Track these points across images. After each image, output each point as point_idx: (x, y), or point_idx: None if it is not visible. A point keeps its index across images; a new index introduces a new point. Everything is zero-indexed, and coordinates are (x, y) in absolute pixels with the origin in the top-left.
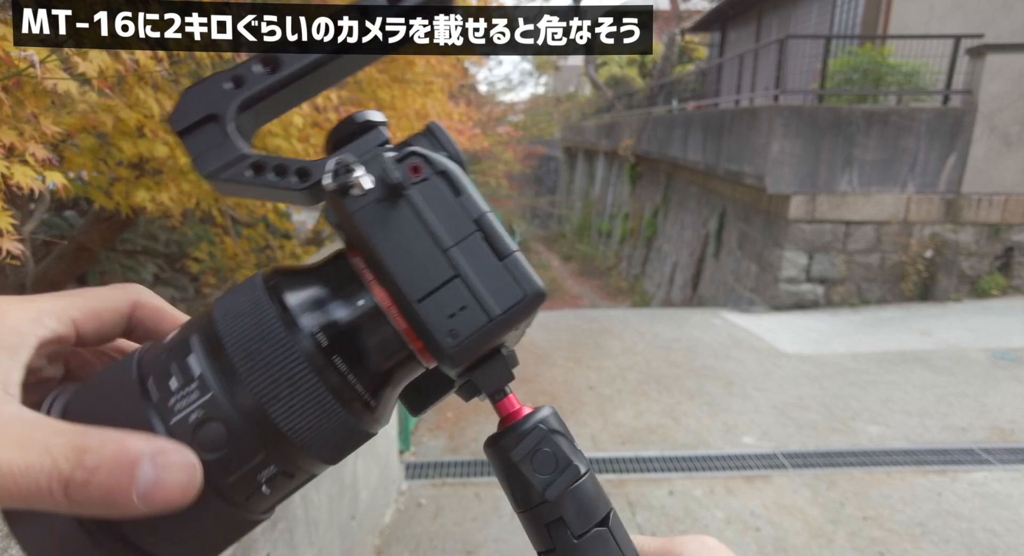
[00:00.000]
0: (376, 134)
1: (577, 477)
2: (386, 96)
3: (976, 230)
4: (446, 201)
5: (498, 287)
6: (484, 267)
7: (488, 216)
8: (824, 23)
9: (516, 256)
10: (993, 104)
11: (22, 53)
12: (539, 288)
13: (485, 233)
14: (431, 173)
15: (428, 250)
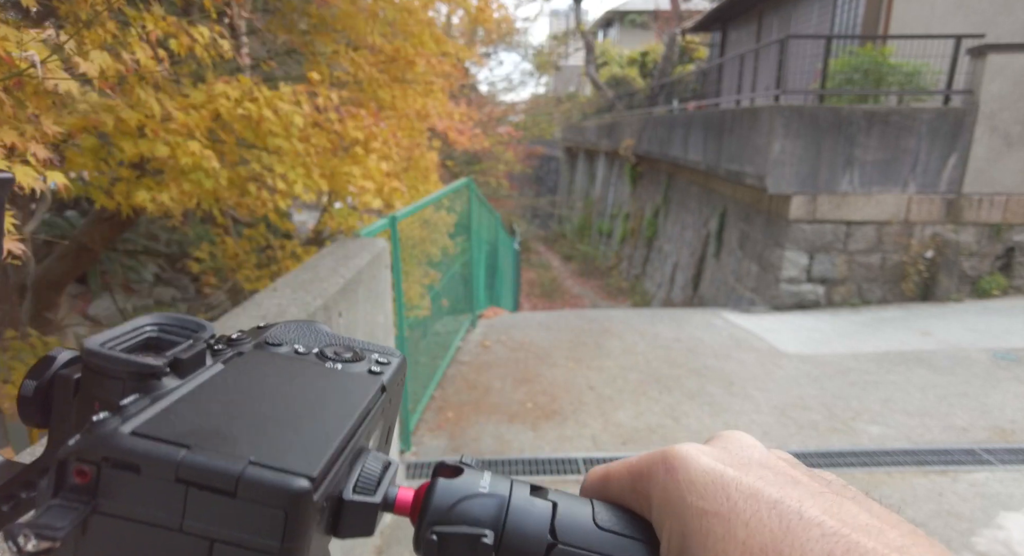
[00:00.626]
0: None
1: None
2: (387, 96)
3: (977, 230)
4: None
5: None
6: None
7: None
8: (825, 23)
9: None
10: (994, 104)
11: (23, 53)
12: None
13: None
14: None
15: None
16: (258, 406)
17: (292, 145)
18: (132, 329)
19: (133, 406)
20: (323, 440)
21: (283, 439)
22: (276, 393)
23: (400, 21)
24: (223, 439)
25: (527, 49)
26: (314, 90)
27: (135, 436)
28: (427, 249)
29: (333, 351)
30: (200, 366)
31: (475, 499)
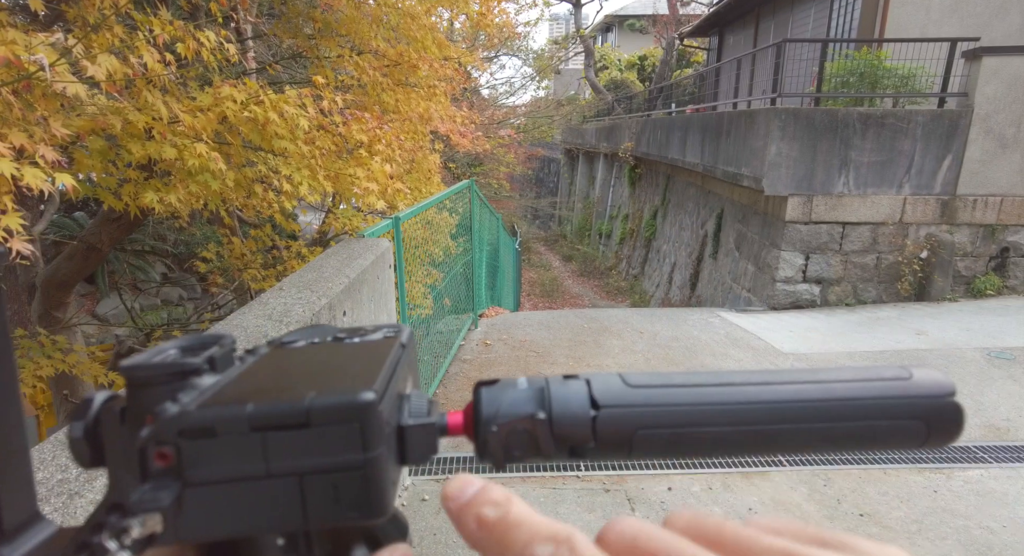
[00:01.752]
0: (109, 424)
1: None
2: (390, 100)
3: (972, 231)
4: (215, 448)
5: (334, 443)
6: (305, 445)
7: (251, 412)
8: (821, 27)
9: (312, 408)
10: (989, 106)
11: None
12: (355, 401)
13: (270, 426)
14: (178, 442)
15: (259, 491)
16: (299, 369)
17: (297, 147)
18: (157, 352)
19: (184, 396)
20: (370, 370)
21: (334, 381)
22: (310, 364)
23: (403, 26)
24: (281, 392)
25: (528, 53)
26: (319, 93)
27: (201, 408)
28: (429, 249)
29: (346, 334)
30: (231, 364)
31: (518, 394)
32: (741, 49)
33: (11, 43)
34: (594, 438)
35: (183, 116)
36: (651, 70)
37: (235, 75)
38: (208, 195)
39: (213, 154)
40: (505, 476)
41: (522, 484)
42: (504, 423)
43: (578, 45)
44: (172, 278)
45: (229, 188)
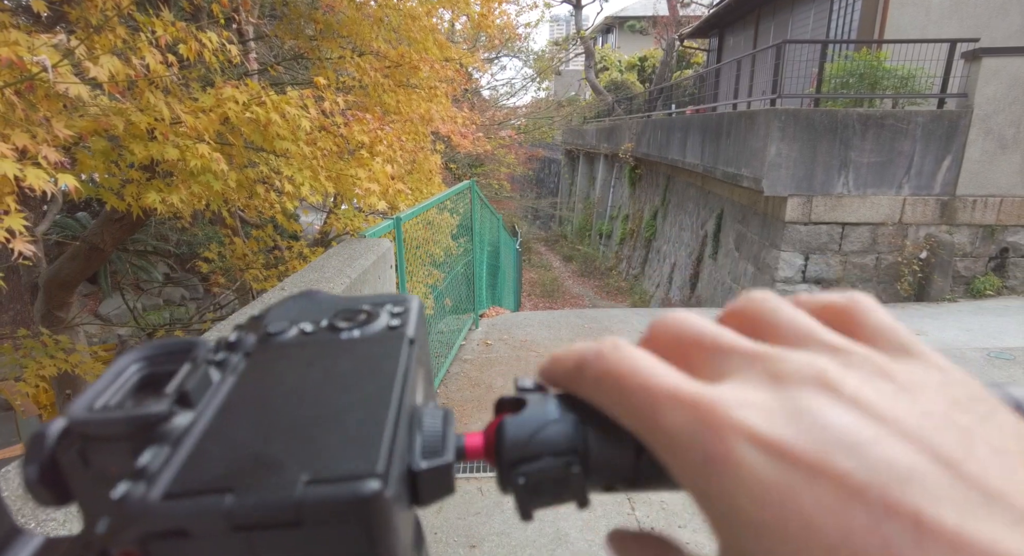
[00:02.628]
0: (70, 464)
1: None
2: (391, 100)
3: (971, 231)
4: (188, 550)
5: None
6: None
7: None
8: (821, 28)
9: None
10: (988, 107)
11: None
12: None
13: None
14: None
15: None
16: (288, 411)
17: (299, 148)
18: (116, 375)
19: (153, 462)
20: (374, 424)
21: (330, 440)
22: (302, 389)
23: (404, 27)
24: (266, 466)
25: (528, 54)
26: (321, 94)
27: (169, 499)
28: (430, 250)
29: (343, 318)
30: (208, 388)
31: (549, 428)
32: (741, 50)
33: (14, 44)
34: (635, 477)
35: (185, 117)
36: (651, 71)
37: (237, 76)
38: (210, 195)
39: (215, 155)
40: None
41: None
42: (532, 471)
43: (578, 46)
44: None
45: (231, 188)
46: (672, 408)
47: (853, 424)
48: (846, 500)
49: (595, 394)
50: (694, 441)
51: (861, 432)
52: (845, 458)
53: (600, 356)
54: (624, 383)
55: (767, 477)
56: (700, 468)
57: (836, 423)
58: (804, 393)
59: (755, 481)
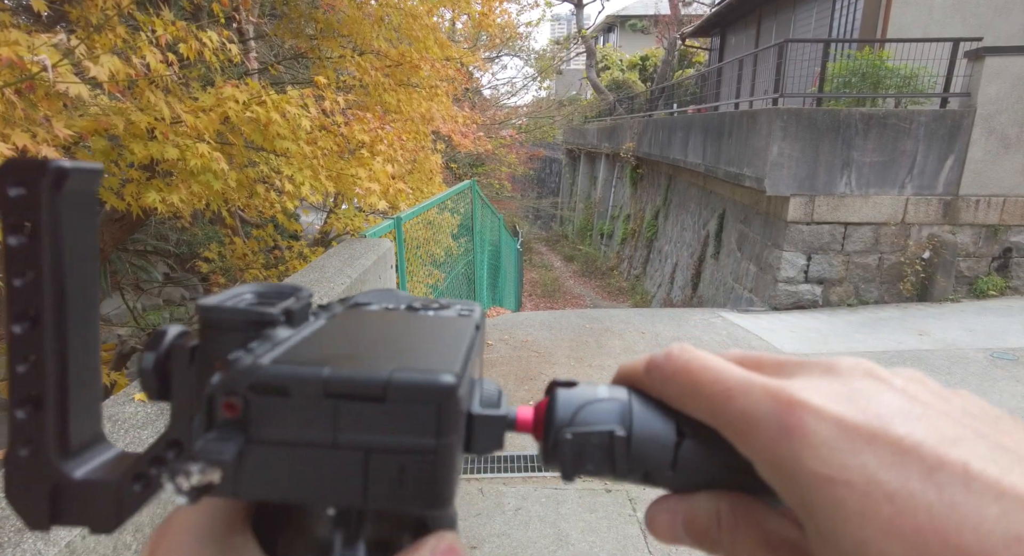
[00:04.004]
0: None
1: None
2: (392, 100)
3: (974, 231)
4: (285, 408)
5: (407, 423)
6: (378, 421)
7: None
8: (823, 27)
9: (392, 382)
10: (991, 106)
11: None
12: (438, 383)
13: (345, 394)
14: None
15: (322, 460)
16: (377, 336)
17: (299, 147)
18: (234, 295)
19: (258, 348)
20: (450, 351)
21: (414, 356)
22: (387, 332)
23: (405, 26)
24: (360, 358)
25: (529, 54)
26: (321, 94)
27: (277, 363)
28: (431, 250)
29: (421, 304)
30: (307, 320)
31: (597, 404)
32: (743, 49)
33: (14, 44)
34: (674, 466)
35: (185, 116)
36: (652, 70)
37: (237, 75)
38: (210, 195)
39: (215, 154)
40: (506, 475)
41: (523, 484)
42: (580, 432)
43: (580, 45)
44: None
45: (231, 188)
46: (745, 393)
47: (903, 403)
48: (902, 456)
49: (665, 388)
50: (767, 417)
51: (911, 409)
52: (899, 425)
53: (671, 357)
54: (697, 377)
55: (832, 442)
56: (774, 438)
57: (889, 401)
58: (858, 382)
59: (823, 446)
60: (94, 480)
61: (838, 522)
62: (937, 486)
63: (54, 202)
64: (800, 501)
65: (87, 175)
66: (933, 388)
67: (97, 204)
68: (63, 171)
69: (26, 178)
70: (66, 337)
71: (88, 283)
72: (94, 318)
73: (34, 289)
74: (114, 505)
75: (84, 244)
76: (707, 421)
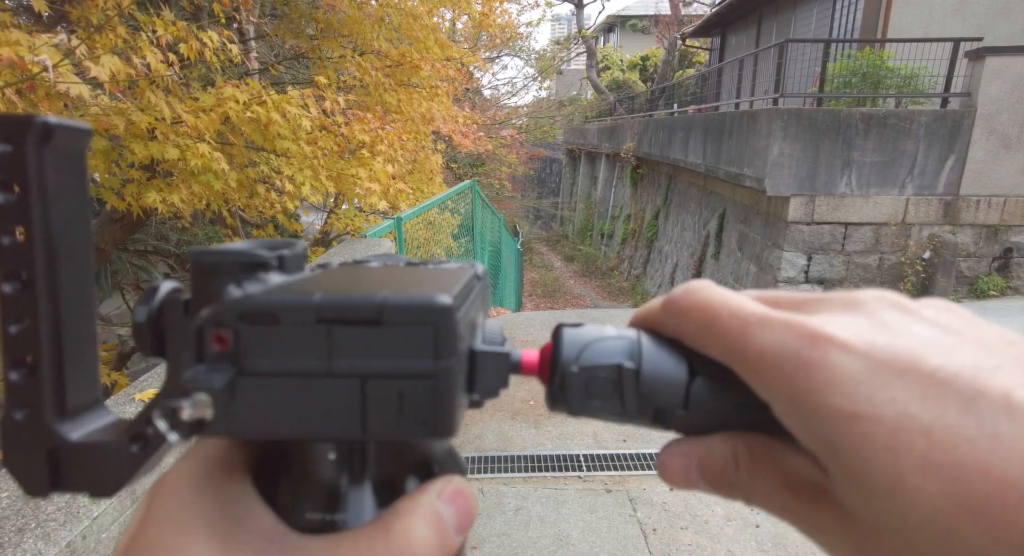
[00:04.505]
0: (172, 313)
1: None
2: (392, 100)
3: (975, 231)
4: (276, 337)
5: (404, 346)
6: (373, 345)
7: (321, 302)
8: (823, 27)
9: (386, 304)
10: (992, 106)
11: (35, 57)
12: (433, 303)
13: (338, 319)
14: (238, 326)
15: (317, 389)
16: (373, 280)
17: (300, 147)
18: (228, 248)
19: (250, 286)
20: (446, 286)
21: (409, 288)
22: (385, 277)
23: (405, 26)
24: (351, 289)
25: (530, 54)
26: (321, 94)
27: (267, 293)
28: (431, 250)
29: (419, 261)
30: (301, 269)
31: (605, 341)
32: (743, 49)
33: (15, 44)
34: (686, 405)
35: (186, 116)
36: (653, 70)
37: (238, 76)
38: (210, 195)
39: (216, 154)
40: (506, 476)
41: (523, 484)
42: (587, 366)
43: (580, 45)
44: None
45: (231, 188)
46: (763, 328)
47: (935, 334)
48: (937, 388)
49: (680, 325)
50: (786, 352)
51: (944, 340)
52: (933, 357)
53: (689, 291)
54: (714, 312)
55: (858, 376)
56: (792, 375)
57: (920, 333)
58: (886, 313)
59: (847, 380)
60: (92, 443)
61: (866, 460)
62: (977, 417)
63: (41, 159)
64: (822, 440)
65: (75, 134)
66: (966, 316)
67: (86, 166)
68: (49, 126)
69: (11, 134)
70: (59, 298)
71: (81, 246)
72: (88, 282)
73: (24, 249)
74: (113, 467)
75: (75, 205)
76: (722, 359)
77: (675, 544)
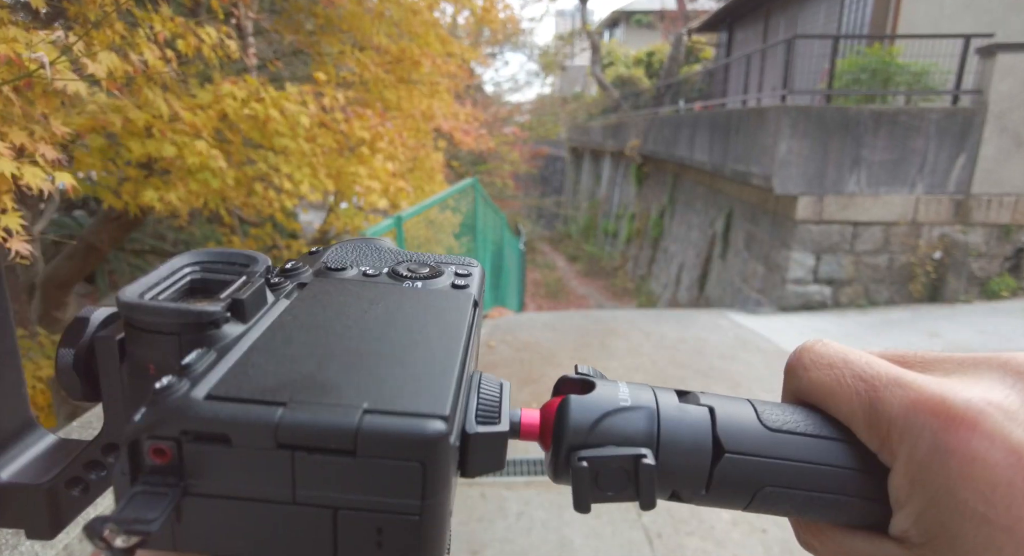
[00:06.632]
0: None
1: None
2: (392, 97)
3: (986, 231)
4: (227, 458)
5: (386, 481)
6: (348, 477)
7: (285, 424)
8: (832, 23)
9: (364, 433)
10: (1004, 104)
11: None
12: (424, 435)
13: (303, 446)
14: (175, 444)
15: (278, 518)
16: (347, 341)
17: (298, 145)
18: (170, 273)
19: (198, 363)
20: (439, 369)
21: (393, 375)
22: (362, 324)
23: (406, 21)
24: (322, 387)
25: (533, 49)
26: (320, 90)
27: (214, 400)
28: (432, 249)
29: (406, 268)
30: (262, 305)
31: (619, 414)
32: (751, 45)
33: (12, 41)
34: (707, 486)
35: (183, 113)
36: (658, 66)
37: (236, 72)
38: (208, 194)
39: (213, 152)
40: (506, 479)
41: (526, 489)
42: (599, 457)
43: (584, 41)
44: None
45: (229, 186)
46: (893, 394)
47: None
48: None
49: (802, 381)
50: (920, 430)
51: None
52: None
53: (811, 347)
54: (841, 369)
55: (998, 477)
56: (925, 458)
57: None
58: None
59: (987, 478)
60: (24, 484)
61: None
62: None
63: None
64: (942, 529)
65: None
66: None
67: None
68: None
69: None
70: None
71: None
72: (4, 298)
73: None
74: (50, 511)
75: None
76: (847, 422)
77: (680, 549)
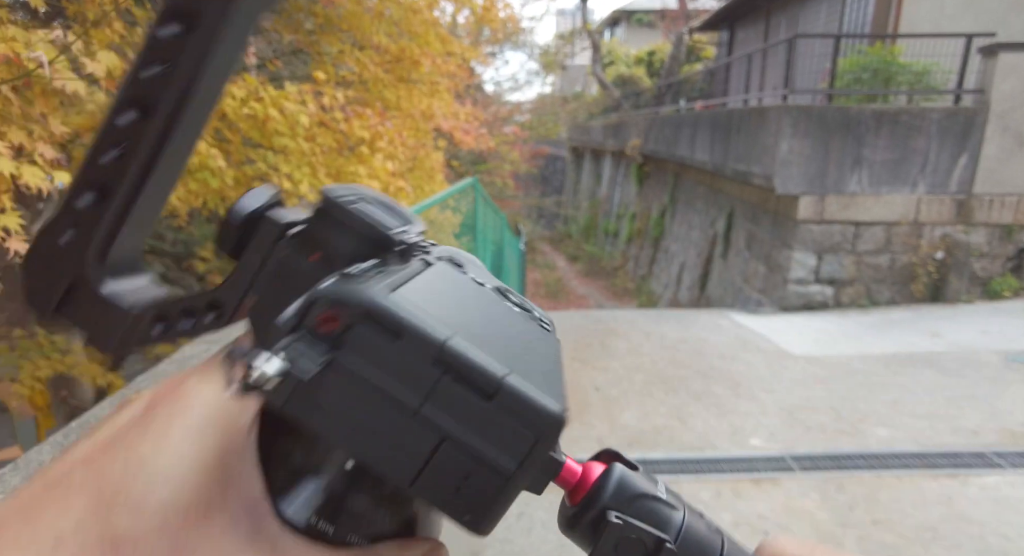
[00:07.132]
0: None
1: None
2: (392, 96)
3: (988, 231)
4: (387, 350)
5: (500, 435)
6: (472, 416)
7: (451, 346)
8: (833, 22)
9: (507, 385)
10: (1006, 103)
11: (32, 53)
12: (552, 413)
13: (456, 372)
14: (351, 318)
15: (393, 420)
16: (487, 318)
17: (298, 144)
18: (359, 195)
19: (375, 271)
20: (556, 377)
21: (527, 362)
22: (494, 313)
23: (406, 21)
24: (479, 338)
25: (533, 48)
26: (320, 90)
27: (402, 298)
28: None
29: (504, 290)
30: (408, 260)
31: (659, 503)
32: (752, 44)
33: (11, 40)
34: None
35: None
36: (659, 66)
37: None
38: (207, 193)
39: (213, 151)
40: None
41: (534, 498)
42: (632, 524)
43: (585, 40)
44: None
45: (228, 186)
46: None
47: None
48: None
49: None
50: None
51: None
52: None
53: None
54: None
55: None
56: None
57: None
58: None
59: None
60: (115, 302)
61: None
62: None
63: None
64: None
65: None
66: None
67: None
68: None
69: None
70: (168, 140)
71: (211, 96)
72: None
73: (159, 82)
74: (123, 332)
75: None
76: None
77: None
